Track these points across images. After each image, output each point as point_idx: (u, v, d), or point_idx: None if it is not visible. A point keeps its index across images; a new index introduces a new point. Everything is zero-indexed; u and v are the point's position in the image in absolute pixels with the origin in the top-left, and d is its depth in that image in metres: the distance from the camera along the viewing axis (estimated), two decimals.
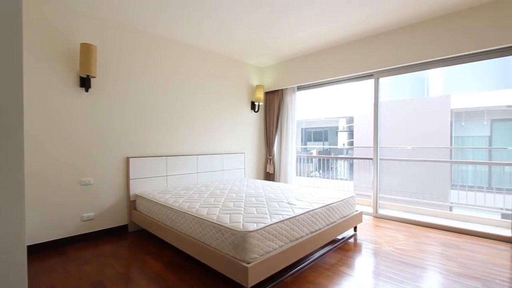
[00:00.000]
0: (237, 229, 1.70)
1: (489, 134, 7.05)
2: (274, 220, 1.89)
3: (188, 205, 2.31)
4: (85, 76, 2.62)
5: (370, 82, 3.61)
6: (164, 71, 3.32)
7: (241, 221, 1.85)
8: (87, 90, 2.67)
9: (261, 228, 1.74)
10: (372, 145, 3.63)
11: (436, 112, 6.81)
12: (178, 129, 3.48)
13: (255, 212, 2.07)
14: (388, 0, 2.52)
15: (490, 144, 6.97)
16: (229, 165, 4.07)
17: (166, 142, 3.35)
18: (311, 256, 2.31)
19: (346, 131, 10.69)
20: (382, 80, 3.58)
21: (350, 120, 10.05)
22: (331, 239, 2.46)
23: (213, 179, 3.82)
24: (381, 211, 3.63)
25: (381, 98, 3.62)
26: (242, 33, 3.24)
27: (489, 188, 4.70)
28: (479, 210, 4.33)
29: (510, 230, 2.69)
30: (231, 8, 2.64)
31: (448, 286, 1.88)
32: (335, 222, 2.48)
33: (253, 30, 3.15)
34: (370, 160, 3.77)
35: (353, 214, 2.78)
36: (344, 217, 2.64)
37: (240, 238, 1.66)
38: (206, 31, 3.18)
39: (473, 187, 4.53)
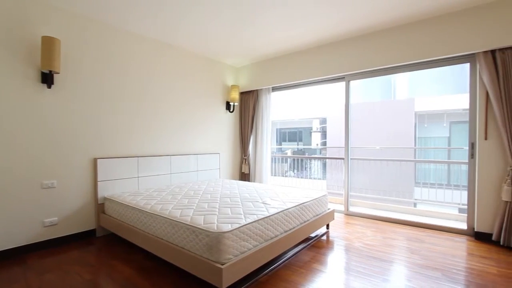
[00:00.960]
0: (211, 230, 1.68)
1: (448, 135, 7.63)
2: (249, 220, 1.89)
3: (161, 207, 2.25)
4: (47, 72, 2.45)
5: (342, 84, 3.74)
6: (136, 69, 3.19)
7: (216, 222, 1.83)
8: (49, 87, 2.50)
9: (235, 229, 1.73)
10: (344, 146, 3.76)
11: (402, 114, 7.23)
12: (151, 128, 3.37)
13: (230, 213, 2.06)
14: (358, 7, 2.63)
15: (449, 144, 7.54)
16: (204, 165, 4.02)
17: (137, 142, 3.23)
18: (285, 255, 2.35)
19: (320, 131, 11.01)
20: (353, 83, 3.73)
21: (324, 121, 10.36)
22: (305, 237, 2.51)
23: (187, 180, 3.75)
24: (352, 209, 3.78)
25: (352, 100, 3.77)
26: (218, 32, 3.21)
27: (448, 185, 5.08)
28: (439, 206, 4.66)
29: (465, 224, 2.93)
30: (207, 6, 2.61)
31: (412, 278, 2.00)
32: (308, 220, 2.54)
33: (229, 29, 3.14)
34: (342, 160, 3.91)
35: (325, 212, 2.86)
36: (317, 215, 2.71)
37: (215, 239, 1.64)
38: (181, 30, 3.11)
39: (434, 184, 4.86)
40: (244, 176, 4.68)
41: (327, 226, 3.03)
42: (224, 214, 2.03)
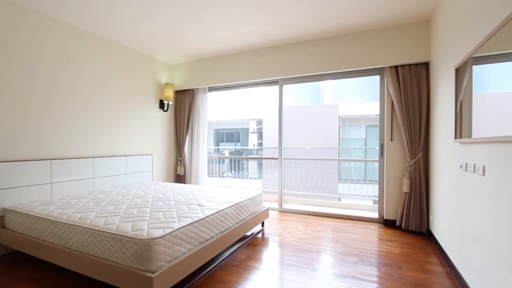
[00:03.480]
0: (140, 238, 1.57)
1: (365, 137, 8.76)
2: (183, 224, 1.82)
3: (80, 216, 1.99)
4: None
5: (277, 88, 3.93)
6: (49, 57, 2.75)
7: (146, 228, 1.71)
8: None
9: (168, 234, 1.65)
10: (278, 146, 3.96)
11: (328, 118, 7.99)
12: (69, 127, 2.95)
13: (162, 217, 1.95)
14: (292, 15, 2.80)
15: (365, 145, 8.66)
16: (134, 168, 3.71)
17: (51, 142, 2.78)
18: (222, 255, 2.34)
19: (256, 132, 11.34)
20: (286, 87, 3.95)
21: (260, 122, 10.70)
22: (241, 236, 2.55)
23: (114, 184, 3.40)
24: (285, 206, 4.00)
25: (286, 103, 4.00)
26: (151, 26, 3.01)
27: (365, 180, 5.83)
28: (358, 199, 5.31)
29: (377, 213, 3.40)
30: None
31: (335, 264, 2.23)
32: (244, 219, 2.59)
33: (163, 25, 2.97)
34: (276, 160, 4.10)
35: (260, 210, 2.96)
36: (252, 214, 2.78)
37: (144, 247, 1.53)
38: (109, 20, 2.81)
39: (354, 180, 5.52)
40: (180, 178, 4.50)
41: (262, 223, 3.14)
42: (155, 219, 1.91)
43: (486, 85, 1.61)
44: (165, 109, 4.29)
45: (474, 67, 1.67)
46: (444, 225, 2.34)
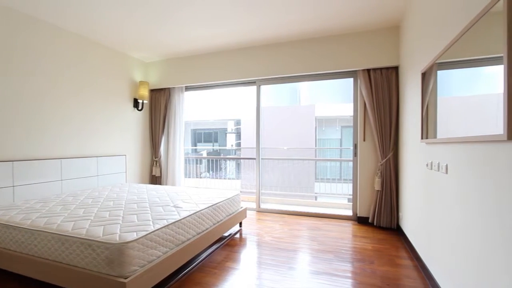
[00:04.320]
0: (112, 242, 1.50)
1: (340, 137, 9.03)
2: (158, 226, 1.77)
3: (46, 221, 1.87)
4: None
5: (254, 88, 3.94)
6: (11, 50, 2.55)
7: (118, 232, 1.64)
8: None
9: (142, 237, 1.60)
10: (255, 146, 3.97)
11: (305, 118, 8.15)
12: (34, 127, 2.76)
13: (136, 220, 1.89)
14: (270, 17, 2.83)
15: (340, 145, 8.94)
16: (107, 169, 3.55)
17: (13, 142, 2.59)
18: (199, 257, 2.31)
19: (234, 132, 11.30)
20: (263, 88, 3.98)
21: (238, 122, 10.68)
22: (218, 237, 2.53)
23: (84, 186, 3.23)
24: (263, 205, 4.03)
25: (263, 104, 4.02)
26: (125, 23, 2.90)
27: (340, 179, 6.01)
28: (334, 197, 5.47)
29: (351, 211, 3.52)
30: None
31: (311, 262, 2.28)
32: (221, 220, 2.57)
33: (138, 22, 2.87)
34: (254, 160, 4.12)
35: (238, 211, 2.96)
36: (230, 214, 2.77)
37: (116, 252, 1.47)
38: (79, 14, 2.66)
39: (329, 179, 5.67)
40: (155, 179, 4.37)
41: (240, 224, 3.14)
42: (129, 222, 1.84)
43: (450, 89, 1.72)
44: (140, 108, 4.15)
45: (439, 72, 1.78)
46: (412, 221, 2.48)
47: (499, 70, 1.03)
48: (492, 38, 1.08)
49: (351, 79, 3.45)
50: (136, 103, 4.10)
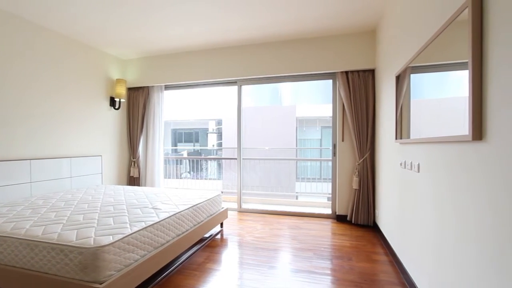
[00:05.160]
0: (86, 246, 1.44)
1: (320, 137, 9.22)
2: (135, 229, 1.72)
3: (13, 226, 1.76)
4: None
5: (236, 88, 3.93)
6: None
7: (93, 235, 1.58)
8: None
9: (118, 240, 1.54)
10: (236, 146, 3.97)
11: (286, 119, 8.24)
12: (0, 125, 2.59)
13: (112, 223, 1.82)
14: (251, 18, 2.83)
15: (320, 145, 9.13)
16: (81, 170, 3.40)
17: None
18: (179, 259, 2.27)
19: (216, 132, 11.21)
20: (245, 88, 3.98)
21: (219, 122, 10.60)
22: (199, 238, 2.50)
23: (57, 189, 3.08)
24: (244, 206, 4.03)
25: (245, 104, 4.02)
26: (101, 17, 2.79)
27: (320, 179, 6.14)
28: (314, 196, 5.57)
29: (330, 209, 3.61)
30: None
31: (292, 260, 2.31)
32: (202, 221, 2.54)
33: (116, 17, 2.77)
34: (236, 160, 4.10)
35: (219, 211, 2.94)
36: (211, 215, 2.74)
37: (91, 256, 1.41)
38: (51, 9, 2.52)
39: (310, 178, 5.77)
40: (134, 181, 4.24)
41: (221, 224, 3.12)
42: (105, 225, 1.78)
43: (422, 92, 1.81)
44: (117, 107, 4.01)
45: (412, 76, 1.86)
46: (387, 218, 2.58)
47: (465, 75, 1.10)
48: (459, 45, 1.15)
49: (331, 81, 3.53)
50: (112, 102, 3.95)
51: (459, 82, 1.21)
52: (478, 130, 1.02)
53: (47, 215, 2.01)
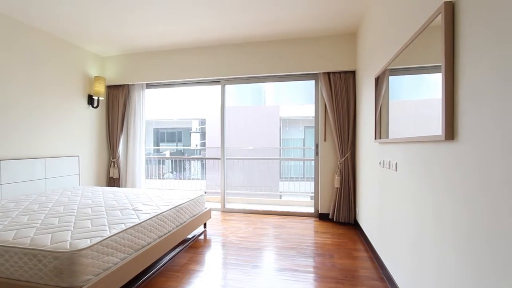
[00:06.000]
0: (61, 250, 1.38)
1: (303, 137, 9.34)
2: (115, 231, 1.67)
3: None
4: None
5: (219, 87, 3.90)
6: None
7: (69, 239, 1.51)
8: None
9: (96, 243, 1.49)
10: (220, 146, 3.94)
11: (270, 119, 8.28)
12: None
13: (90, 226, 1.76)
14: (234, 16, 2.82)
15: (303, 145, 9.25)
16: (57, 171, 3.25)
17: None
18: (161, 261, 2.23)
19: (199, 132, 11.08)
20: (228, 87, 3.96)
21: (203, 122, 10.48)
22: (182, 240, 2.46)
23: (30, 191, 2.92)
24: (228, 206, 4.01)
25: (229, 103, 4.00)
26: (80, 11, 2.67)
27: (303, 178, 6.22)
28: (298, 195, 5.63)
29: (313, 208, 3.67)
30: None
31: (275, 259, 2.33)
32: (185, 222, 2.51)
33: (94, 12, 2.67)
34: (219, 160, 4.08)
35: (202, 211, 2.91)
36: (194, 216, 2.71)
37: (67, 261, 1.35)
38: (23, 1, 2.40)
39: (293, 178, 5.83)
40: (113, 182, 4.11)
41: (205, 225, 3.09)
42: (82, 228, 1.71)
43: (400, 93, 1.87)
44: (95, 105, 3.87)
45: (391, 78, 1.93)
46: (367, 215, 2.66)
47: (439, 78, 1.15)
48: (433, 49, 1.21)
49: (313, 82, 3.58)
50: (91, 100, 3.81)
51: (434, 84, 1.27)
52: (450, 131, 1.08)
53: (19, 218, 1.91)
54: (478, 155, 0.92)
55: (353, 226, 3.21)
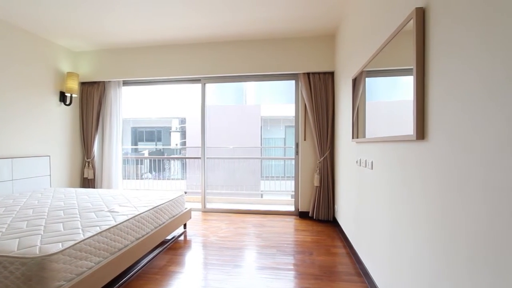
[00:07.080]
0: (29, 256, 1.30)
1: (284, 136, 9.44)
2: (89, 234, 1.60)
3: None
4: None
5: (200, 86, 3.85)
6: None
7: (39, 244, 1.43)
8: None
9: (68, 247, 1.42)
10: (200, 145, 3.89)
11: (251, 118, 8.29)
12: None
13: (62, 229, 1.67)
14: (215, 14, 2.79)
15: (284, 144, 9.36)
16: (25, 172, 3.07)
17: None
18: (138, 264, 2.17)
19: (179, 131, 10.87)
20: (209, 86, 3.92)
21: (183, 120, 10.30)
22: (161, 241, 2.41)
23: None
24: (209, 205, 3.97)
25: (209, 102, 3.96)
26: (46, 1, 2.53)
27: (284, 177, 6.29)
28: (278, 194, 5.69)
29: (293, 206, 3.72)
30: None
31: (256, 258, 2.34)
32: (164, 223, 2.45)
33: (66, 3, 2.54)
34: (199, 159, 4.03)
35: (182, 212, 2.86)
36: (173, 216, 2.66)
37: (36, 267, 1.28)
38: None
39: (274, 177, 5.88)
40: (88, 183, 3.94)
41: (185, 225, 3.04)
42: (53, 231, 1.63)
43: (376, 94, 1.94)
44: (68, 102, 3.69)
45: (367, 79, 2.00)
46: (345, 212, 2.73)
47: (411, 80, 1.21)
48: (406, 52, 1.26)
49: (293, 81, 3.63)
50: (63, 97, 3.62)
51: (407, 86, 1.32)
52: (421, 131, 1.13)
53: None
54: (445, 154, 0.97)
55: (332, 223, 3.30)
